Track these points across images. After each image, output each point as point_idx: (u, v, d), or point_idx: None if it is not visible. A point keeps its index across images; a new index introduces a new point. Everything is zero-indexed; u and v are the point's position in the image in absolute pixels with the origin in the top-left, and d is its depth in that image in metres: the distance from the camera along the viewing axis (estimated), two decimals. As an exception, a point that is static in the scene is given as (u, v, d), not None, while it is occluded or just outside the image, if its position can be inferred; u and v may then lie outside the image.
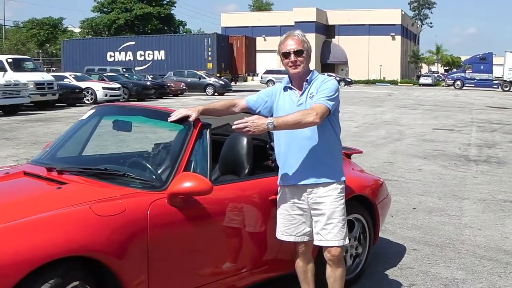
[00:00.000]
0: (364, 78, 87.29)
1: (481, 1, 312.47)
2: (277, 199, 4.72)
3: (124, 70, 44.07)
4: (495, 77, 68.62)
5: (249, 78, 63.31)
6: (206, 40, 52.95)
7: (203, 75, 47.35)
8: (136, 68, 51.65)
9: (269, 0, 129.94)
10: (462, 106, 36.00)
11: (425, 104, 37.87)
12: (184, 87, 43.78)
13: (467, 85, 68.83)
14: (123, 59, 55.77)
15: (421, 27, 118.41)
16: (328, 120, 4.43)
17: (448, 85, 73.59)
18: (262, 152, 5.50)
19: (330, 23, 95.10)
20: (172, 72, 48.01)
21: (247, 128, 4.12)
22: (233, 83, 51.88)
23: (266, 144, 5.55)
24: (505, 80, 64.48)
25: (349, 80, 76.38)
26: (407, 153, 15.18)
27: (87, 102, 31.98)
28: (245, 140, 5.15)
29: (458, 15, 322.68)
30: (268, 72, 66.54)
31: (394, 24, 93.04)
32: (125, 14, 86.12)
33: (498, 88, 65.76)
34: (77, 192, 4.21)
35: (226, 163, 5.23)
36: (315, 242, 4.60)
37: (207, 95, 44.67)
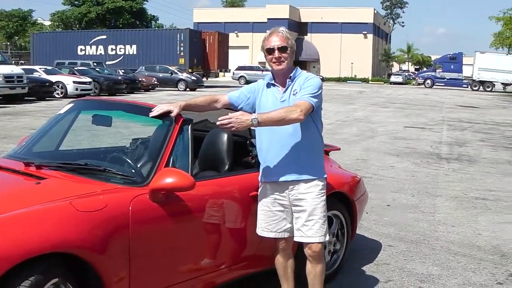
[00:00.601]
0: (336, 76, 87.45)
1: (452, 2, 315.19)
2: (258, 195, 4.72)
3: (95, 64, 43.76)
4: (465, 76, 69.35)
5: (221, 74, 63.25)
6: (178, 36, 52.73)
7: (175, 71, 47.12)
8: (107, 63, 51.26)
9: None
10: (432, 105, 36.32)
11: (396, 102, 38.13)
12: (156, 82, 43.58)
13: (437, 84, 69.45)
14: (94, 53, 55.35)
15: (393, 26, 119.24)
16: (311, 117, 4.44)
17: (419, 84, 74.19)
18: (241, 148, 5.49)
19: (303, 20, 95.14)
20: (143, 67, 47.71)
21: (231, 124, 4.11)
22: (204, 79, 51.74)
23: (246, 140, 5.55)
24: (474, 80, 65.15)
25: (321, 77, 76.47)
26: (380, 150, 15.29)
27: (57, 96, 31.69)
28: (225, 136, 5.13)
29: (429, 15, 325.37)
30: (240, 68, 66.51)
31: (366, 23, 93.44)
32: (97, 8, 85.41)
33: (467, 87, 66.51)
34: (56, 187, 4.14)
35: (206, 159, 5.22)
36: (296, 239, 4.61)
37: (178, 90, 44.50)
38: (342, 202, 5.75)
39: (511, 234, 7.68)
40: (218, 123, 4.17)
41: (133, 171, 4.42)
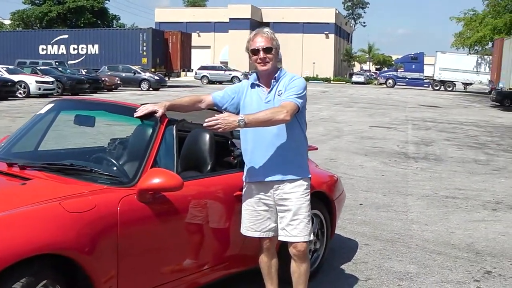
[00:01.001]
0: (298, 76, 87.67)
1: (412, 3, 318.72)
2: (243, 195, 4.72)
3: (57, 64, 43.25)
4: (426, 76, 70.13)
5: (183, 73, 63.00)
6: (141, 35, 52.42)
7: (138, 70, 46.86)
8: (69, 62, 50.76)
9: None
10: (395, 104, 36.68)
11: (359, 101, 38.41)
12: (119, 82, 43.26)
13: (398, 83, 70.16)
14: (56, 53, 54.70)
15: (355, 26, 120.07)
16: (296, 118, 4.45)
17: (380, 84, 74.87)
18: (222, 148, 5.49)
19: (264, 20, 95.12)
20: (106, 67, 47.32)
21: (218, 125, 4.11)
22: (166, 79, 51.46)
23: (227, 141, 5.55)
24: (435, 80, 65.91)
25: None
26: (348, 150, 15.40)
27: (19, 95, 31.30)
28: (207, 136, 5.12)
29: (390, 16, 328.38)
30: (203, 68, 66.39)
31: (328, 23, 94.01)
32: (58, 7, 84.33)
33: (428, 87, 67.28)
34: (43, 188, 4.10)
35: (188, 159, 5.19)
36: (280, 238, 4.62)
37: (141, 90, 44.25)
38: (322, 201, 5.78)
39: (483, 232, 7.80)
40: (205, 124, 4.16)
41: (120, 171, 4.40)
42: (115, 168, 4.46)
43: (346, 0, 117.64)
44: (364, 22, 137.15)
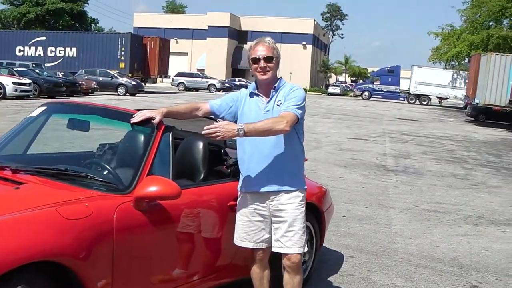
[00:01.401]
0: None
1: (388, 16, 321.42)
2: (237, 205, 4.69)
3: (34, 65, 42.84)
4: (401, 90, 70.54)
5: (159, 80, 62.74)
6: (120, 40, 52.07)
7: (115, 75, 46.52)
8: (46, 64, 50.21)
9: (183, 3, 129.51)
10: (372, 117, 36.83)
11: (336, 113, 38.50)
12: (96, 86, 42.84)
13: (374, 96, 70.55)
14: (33, 54, 54.11)
15: (333, 37, 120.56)
16: (294, 128, 4.42)
17: (356, 95, 75.20)
18: (215, 157, 5.45)
19: (243, 28, 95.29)
20: (83, 70, 46.91)
21: (217, 133, 4.08)
22: (143, 84, 51.17)
23: (220, 149, 5.52)
24: (411, 93, 66.34)
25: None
26: (328, 161, 15.41)
27: (-5, 96, 30.95)
28: (201, 144, 5.08)
29: (366, 28, 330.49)
30: (180, 74, 66.23)
31: (307, 33, 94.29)
32: (36, 8, 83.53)
33: (404, 100, 67.70)
34: (38, 193, 4.01)
35: (180, 167, 5.15)
36: (274, 249, 4.59)
37: (118, 95, 43.94)
38: (312, 213, 5.76)
39: (466, 247, 7.85)
40: (203, 132, 4.13)
41: (115, 178, 4.33)
42: (111, 175, 4.39)
43: (325, 11, 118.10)
44: (342, 34, 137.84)
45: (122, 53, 51.78)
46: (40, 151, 5.56)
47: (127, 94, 44.48)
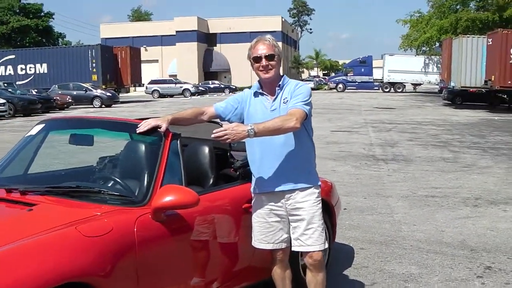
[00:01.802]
0: (247, 85, 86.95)
1: (355, 8, 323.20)
2: (252, 207, 4.61)
3: (5, 84, 42.34)
4: (375, 79, 70.84)
5: (132, 89, 62.39)
6: (90, 52, 51.60)
7: (89, 87, 46.19)
8: (18, 83, 49.50)
9: (148, 10, 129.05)
10: (350, 108, 36.95)
11: (314, 107, 37.51)
12: (71, 100, 42.42)
13: (349, 87, 70.79)
14: (3, 73, 53.33)
15: (301, 33, 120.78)
16: (303, 125, 4.35)
17: (331, 88, 75.28)
18: (221, 161, 5.35)
19: (211, 31, 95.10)
20: (56, 86, 46.31)
21: (227, 136, 4.00)
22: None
23: (225, 153, 5.43)
24: (384, 82, 66.64)
25: (234, 87, 76.66)
26: (316, 155, 15.29)
27: (-30, 118, 30.58)
28: (207, 149, 5.00)
29: (333, 21, 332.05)
30: (153, 82, 65.93)
31: (275, 31, 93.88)
32: (1, 27, 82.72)
33: (378, 89, 67.99)
34: (53, 213, 3.89)
35: (188, 174, 5.05)
36: (295, 248, 4.52)
37: (94, 107, 43.61)
38: (323, 208, 5.68)
39: (472, 229, 7.84)
40: (213, 135, 4.04)
41: (129, 190, 4.21)
42: (124, 188, 4.26)
43: (292, 7, 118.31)
44: (310, 29, 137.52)
45: (94, 65, 51.29)
46: (43, 169, 5.43)
47: (103, 105, 44.14)
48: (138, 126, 4.38)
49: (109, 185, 4.40)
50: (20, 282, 3.06)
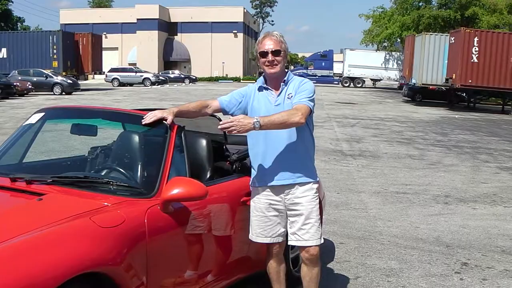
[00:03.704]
0: (207, 75, 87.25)
1: (317, 1, 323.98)
2: (251, 201, 4.72)
3: (-37, 70, 41.62)
4: (335, 73, 71.38)
5: (90, 76, 61.73)
6: (51, 38, 50.79)
7: (50, 74, 45.55)
8: (-25, 68, 48.84)
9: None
10: (313, 102, 37.09)
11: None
12: (31, 87, 41.81)
13: (309, 81, 71.03)
14: (-39, 59, 52.51)
15: (263, 25, 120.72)
16: (306, 121, 4.49)
17: (291, 82, 75.36)
18: (216, 154, 5.44)
19: (172, 20, 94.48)
20: (16, 71, 45.64)
21: (233, 128, 4.09)
22: (77, 81, 50.22)
23: (220, 146, 5.53)
24: (345, 77, 67.19)
25: (194, 77, 76.50)
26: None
27: None
28: (204, 142, 5.08)
29: (295, 13, 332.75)
30: (113, 70, 65.21)
31: (237, 22, 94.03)
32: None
33: (338, 84, 68.53)
34: (64, 203, 3.94)
35: None
36: (292, 243, 4.65)
37: (54, 94, 43.02)
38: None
39: (445, 226, 8.09)
40: (219, 127, 4.15)
41: (137, 182, 4.28)
42: (132, 179, 4.33)
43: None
44: (272, 21, 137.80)
45: (55, 51, 50.57)
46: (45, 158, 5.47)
47: (63, 93, 43.55)
48: (144, 117, 4.46)
49: (117, 176, 4.44)
50: (43, 271, 3.13)
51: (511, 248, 7.19)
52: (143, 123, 4.43)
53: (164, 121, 4.43)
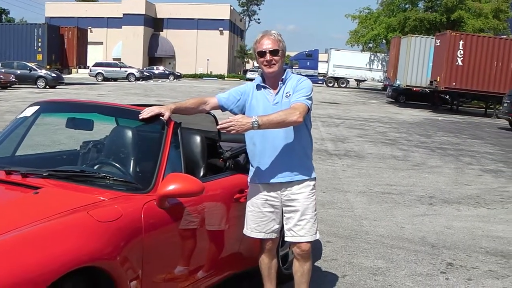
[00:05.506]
0: (192, 72, 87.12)
1: (304, 1, 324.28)
2: (248, 197, 4.80)
3: None
4: (319, 73, 71.55)
5: (74, 70, 61.39)
6: (36, 31, 50.48)
7: (34, 67, 45.24)
8: (-41, 59, 48.43)
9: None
10: (297, 101, 37.17)
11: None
12: (14, 80, 41.51)
13: (288, 80, 71.15)
14: None
15: (249, 23, 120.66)
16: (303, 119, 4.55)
17: (276, 80, 75.47)
18: (209, 151, 5.49)
19: (158, 16, 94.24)
20: (0, 63, 45.51)
21: (232, 127, 4.15)
22: (61, 75, 49.91)
23: (214, 143, 5.58)
24: (329, 76, 67.39)
25: (178, 74, 76.35)
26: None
27: None
28: (198, 139, 5.12)
29: (282, 13, 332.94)
30: (97, 64, 64.92)
31: (223, 19, 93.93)
32: None
33: (323, 84, 68.69)
34: (61, 197, 3.96)
35: None
36: (287, 239, 4.72)
37: (38, 87, 42.74)
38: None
39: (430, 226, 8.20)
40: (218, 126, 4.21)
41: (133, 177, 4.32)
42: (127, 174, 4.36)
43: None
44: (259, 19, 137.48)
45: (39, 44, 50.26)
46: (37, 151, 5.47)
47: (47, 86, 43.26)
48: (141, 112, 4.49)
49: (113, 171, 4.45)
50: (40, 264, 3.15)
51: (495, 249, 7.31)
52: (140, 118, 4.46)
53: (161, 117, 4.48)
